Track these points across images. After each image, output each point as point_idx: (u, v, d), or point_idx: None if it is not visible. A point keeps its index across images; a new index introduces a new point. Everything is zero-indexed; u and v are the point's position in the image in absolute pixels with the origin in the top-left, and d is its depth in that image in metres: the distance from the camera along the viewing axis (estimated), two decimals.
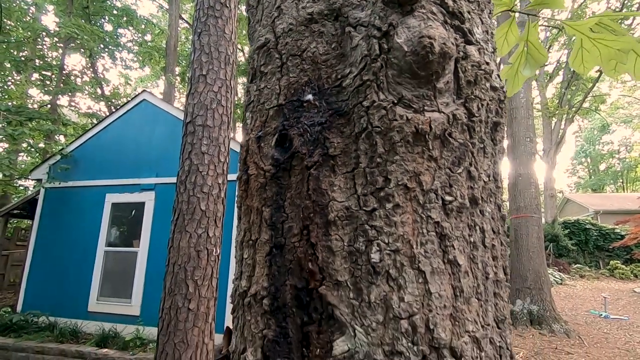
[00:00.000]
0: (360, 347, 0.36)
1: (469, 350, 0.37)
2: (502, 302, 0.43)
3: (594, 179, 36.75)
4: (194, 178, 3.08)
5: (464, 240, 0.40)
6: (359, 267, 0.38)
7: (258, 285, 0.42)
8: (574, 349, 6.17)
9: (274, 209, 0.42)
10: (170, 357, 2.75)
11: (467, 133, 0.41)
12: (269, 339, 0.39)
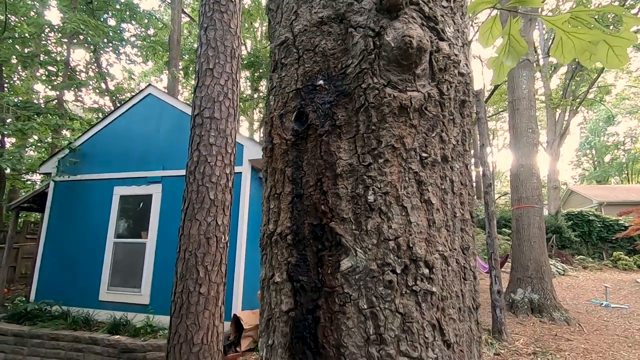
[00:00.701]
0: (360, 263, 0.48)
1: (438, 263, 0.50)
2: (467, 236, 0.55)
3: (599, 171, 36.58)
4: (202, 168, 3.20)
5: (436, 187, 0.52)
6: (359, 206, 0.50)
7: (283, 226, 0.54)
8: (573, 335, 6.29)
9: (294, 168, 0.55)
10: (183, 338, 2.90)
11: (439, 107, 0.54)
12: (292, 264, 0.52)
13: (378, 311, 0.48)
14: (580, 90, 20.14)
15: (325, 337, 0.48)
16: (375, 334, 0.47)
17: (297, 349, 0.50)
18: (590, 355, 5.41)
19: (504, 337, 5.95)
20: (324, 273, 0.50)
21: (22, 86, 13.36)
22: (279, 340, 0.53)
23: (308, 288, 0.51)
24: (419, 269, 0.49)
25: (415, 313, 0.48)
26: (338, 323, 0.48)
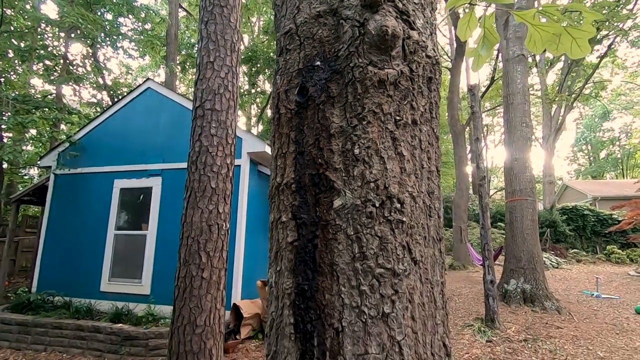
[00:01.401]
0: (348, 201, 0.62)
1: (408, 201, 0.63)
2: (433, 184, 0.69)
3: (594, 166, 36.91)
4: (204, 158, 3.32)
5: (407, 143, 0.66)
6: (347, 158, 0.64)
7: (288, 177, 0.68)
8: (563, 323, 6.48)
9: (297, 132, 0.68)
10: (186, 320, 3.03)
11: (409, 82, 0.67)
12: (295, 206, 0.65)
13: (362, 236, 0.61)
14: (576, 86, 20.32)
15: (322, 259, 0.62)
16: (360, 252, 0.61)
17: (300, 270, 0.63)
18: (579, 341, 5.59)
19: (496, 325, 6.13)
20: (320, 211, 0.64)
21: (19, 80, 13.35)
22: (286, 265, 0.66)
23: (308, 223, 0.64)
24: (392, 203, 0.63)
25: (390, 237, 0.61)
26: (331, 247, 0.62)
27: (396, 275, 0.61)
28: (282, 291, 0.66)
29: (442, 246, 0.71)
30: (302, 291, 0.62)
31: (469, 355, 5.06)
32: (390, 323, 0.59)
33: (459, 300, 8.36)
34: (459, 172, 14.95)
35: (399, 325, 0.60)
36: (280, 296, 0.66)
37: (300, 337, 0.61)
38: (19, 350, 5.38)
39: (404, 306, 0.60)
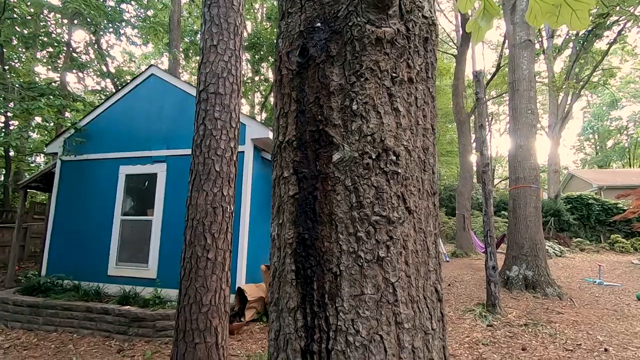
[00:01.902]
0: (346, 154, 0.65)
1: (403, 154, 0.66)
2: (428, 140, 0.72)
3: (600, 156, 36.55)
4: (208, 142, 3.35)
5: (403, 100, 0.68)
6: (346, 114, 0.67)
7: (290, 135, 0.71)
8: (564, 309, 6.53)
9: (299, 91, 0.71)
10: (192, 300, 3.11)
11: (406, 40, 0.69)
12: (297, 162, 0.69)
13: (359, 186, 0.65)
14: (584, 73, 20.00)
15: (322, 210, 0.65)
16: (357, 202, 0.64)
17: (301, 220, 0.66)
18: (580, 326, 5.65)
19: (497, 310, 6.20)
20: (320, 165, 0.67)
21: (23, 68, 13.39)
22: (287, 217, 0.70)
23: (309, 177, 0.68)
24: (388, 156, 0.66)
25: (386, 187, 0.65)
26: (330, 198, 0.65)
27: (391, 222, 0.65)
28: (284, 242, 0.70)
29: (436, 200, 0.74)
30: (303, 240, 0.66)
31: (470, 339, 5.14)
32: (385, 266, 0.63)
33: (460, 286, 8.44)
34: (463, 161, 14.90)
35: (393, 269, 0.63)
36: (283, 246, 0.70)
37: (301, 282, 0.65)
38: (30, 330, 5.54)
39: (398, 251, 0.64)
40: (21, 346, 4.94)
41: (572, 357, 4.46)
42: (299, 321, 0.65)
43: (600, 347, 4.77)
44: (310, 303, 0.64)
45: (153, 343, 4.97)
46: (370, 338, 0.60)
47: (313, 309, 0.63)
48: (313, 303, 0.63)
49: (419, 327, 0.64)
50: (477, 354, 4.58)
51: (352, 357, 0.60)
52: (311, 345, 0.63)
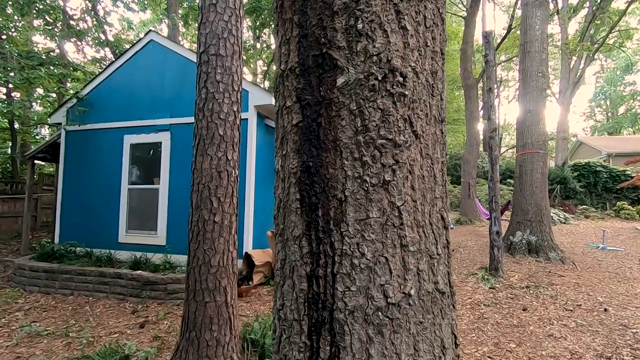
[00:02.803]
0: (351, 77, 0.63)
1: (410, 75, 0.64)
2: (436, 64, 0.70)
3: (611, 122, 35.73)
4: (210, 105, 3.30)
5: (411, 18, 0.65)
6: (351, 35, 0.64)
7: (292, 62, 0.68)
8: (566, 272, 6.63)
9: (300, 15, 0.67)
10: (201, 261, 3.18)
11: None
12: (299, 89, 0.66)
13: (364, 109, 0.62)
14: (600, 35, 19.14)
15: (326, 136, 0.64)
16: (362, 125, 0.62)
17: (305, 149, 0.65)
18: (581, 288, 5.76)
19: (500, 273, 6.31)
20: (324, 90, 0.65)
21: (21, 38, 13.12)
22: (291, 147, 0.68)
23: (312, 103, 0.65)
24: (395, 77, 0.63)
25: (392, 109, 0.63)
26: (335, 124, 0.64)
27: (397, 146, 0.63)
28: (288, 172, 0.69)
29: (443, 128, 0.72)
30: (307, 168, 0.65)
31: (472, 300, 5.27)
32: (391, 190, 0.62)
33: (464, 251, 8.56)
34: (470, 128, 14.67)
35: (399, 193, 0.62)
36: (287, 177, 0.69)
37: (306, 210, 0.65)
38: (48, 294, 5.78)
39: (404, 175, 0.63)
40: (40, 308, 5.17)
41: (571, 316, 4.57)
42: (304, 248, 0.65)
43: (600, 307, 4.87)
44: (316, 230, 0.64)
45: (165, 305, 5.17)
46: (376, 260, 0.61)
47: (318, 235, 0.63)
48: (318, 229, 0.63)
49: (424, 251, 0.64)
50: (479, 314, 4.71)
51: (357, 279, 0.61)
52: (316, 270, 0.63)
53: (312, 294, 0.63)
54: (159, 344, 3.77)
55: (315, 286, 0.62)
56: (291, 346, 0.66)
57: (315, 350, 0.62)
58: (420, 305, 0.62)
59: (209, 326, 3.10)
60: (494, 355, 3.58)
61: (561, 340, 3.87)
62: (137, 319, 4.63)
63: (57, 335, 4.11)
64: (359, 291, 0.60)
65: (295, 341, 0.65)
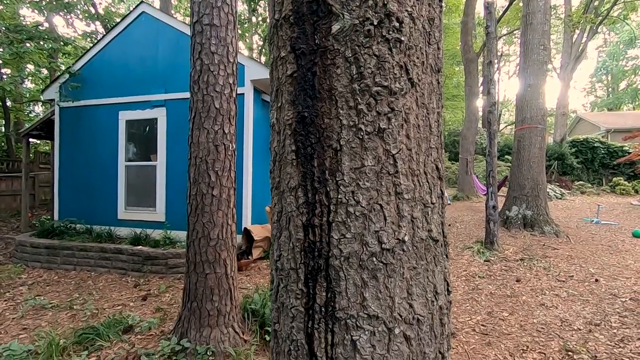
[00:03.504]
0: (346, 23, 0.62)
1: (407, 21, 0.63)
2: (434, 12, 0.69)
3: (611, 98, 35.42)
4: (206, 77, 3.24)
5: None
6: None
7: (286, 10, 0.67)
8: (560, 245, 6.76)
9: None
10: (201, 234, 3.22)
11: None
12: (294, 38, 0.66)
13: (359, 56, 0.62)
14: (604, 7, 18.67)
15: (321, 85, 0.63)
16: (357, 73, 0.62)
17: (300, 99, 0.65)
18: (574, 260, 5.88)
19: (495, 247, 6.42)
20: (319, 38, 0.64)
21: (7, 11, 12.68)
22: (286, 98, 0.68)
23: (307, 52, 0.64)
24: (391, 22, 0.62)
25: (388, 56, 0.62)
26: (330, 72, 0.63)
27: (393, 93, 0.63)
28: (283, 124, 0.69)
29: (440, 78, 0.71)
30: (302, 118, 0.64)
31: (467, 272, 5.39)
32: (386, 138, 0.62)
33: (460, 226, 8.68)
34: (469, 104, 14.53)
35: (394, 141, 0.63)
36: (282, 129, 0.69)
37: (301, 161, 0.65)
38: (50, 269, 5.86)
39: (399, 124, 0.63)
40: (44, 282, 5.26)
41: (563, 287, 4.70)
42: (300, 198, 0.66)
43: (591, 278, 5.00)
44: (311, 180, 0.64)
45: (167, 279, 5.27)
46: (370, 208, 0.62)
47: (314, 185, 0.64)
48: (314, 180, 0.64)
49: (419, 200, 0.65)
50: (474, 285, 4.83)
51: (352, 226, 0.62)
52: (312, 219, 0.64)
53: (308, 242, 0.64)
54: (162, 315, 3.86)
55: (311, 235, 0.64)
56: (288, 294, 0.67)
57: (312, 296, 0.63)
58: (413, 252, 0.64)
59: (209, 297, 3.17)
60: (487, 323, 3.70)
61: (552, 309, 3.99)
62: (140, 292, 4.73)
63: (62, 308, 4.21)
64: (354, 238, 0.62)
65: (292, 289, 0.67)
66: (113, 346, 3.18)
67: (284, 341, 0.69)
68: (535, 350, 3.12)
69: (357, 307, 0.61)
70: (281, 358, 0.70)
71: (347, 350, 0.61)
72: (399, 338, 0.62)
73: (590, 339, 3.29)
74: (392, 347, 0.62)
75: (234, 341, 3.14)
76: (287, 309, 0.68)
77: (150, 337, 3.38)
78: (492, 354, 3.09)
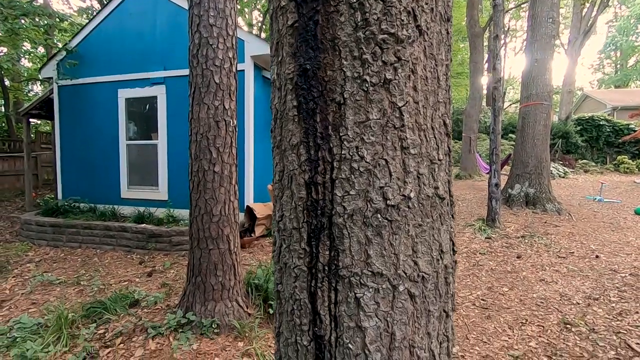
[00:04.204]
0: None
1: None
2: None
3: (619, 75, 34.66)
4: (205, 51, 3.17)
5: None
6: None
7: None
8: (562, 223, 6.78)
9: None
10: (203, 210, 3.23)
11: None
12: None
13: (364, 1, 0.58)
14: None
15: (323, 35, 0.60)
16: (362, 19, 0.59)
17: (302, 51, 0.62)
18: (575, 237, 5.91)
19: (496, 224, 6.44)
20: None
21: None
22: (287, 51, 0.65)
23: (309, 0, 0.61)
24: None
25: (395, 0, 0.59)
26: (333, 20, 0.60)
27: (399, 41, 0.60)
28: (284, 79, 0.66)
29: (450, 27, 0.67)
30: (304, 71, 0.62)
31: (468, 249, 5.43)
32: (392, 90, 0.60)
33: (462, 204, 8.69)
34: (474, 81, 14.26)
35: (401, 93, 0.60)
36: (283, 84, 0.66)
37: (303, 117, 0.63)
38: (56, 247, 5.95)
39: (406, 74, 0.60)
40: (50, 260, 5.35)
41: (563, 263, 4.74)
42: (302, 156, 0.64)
43: (592, 254, 5.03)
44: (314, 136, 0.62)
45: (171, 256, 5.34)
46: (375, 163, 0.60)
47: (316, 141, 0.62)
48: (316, 136, 0.62)
49: (425, 155, 0.63)
50: (474, 262, 4.88)
51: (356, 182, 0.60)
52: (315, 177, 0.62)
53: (311, 201, 0.62)
54: (167, 290, 3.94)
55: (314, 193, 0.62)
56: (291, 254, 0.67)
57: (315, 255, 0.63)
58: (419, 209, 0.62)
59: (213, 272, 3.22)
60: (487, 298, 3.75)
61: (552, 284, 4.04)
62: (145, 269, 4.80)
63: (69, 284, 4.29)
64: (358, 195, 0.60)
65: (295, 248, 0.66)
66: (120, 319, 3.25)
67: (287, 301, 0.69)
68: (534, 323, 3.17)
69: (361, 264, 0.60)
70: (284, 318, 0.70)
71: (350, 307, 0.61)
72: (403, 295, 0.61)
73: (589, 313, 3.34)
74: (397, 304, 0.61)
75: (238, 314, 3.21)
76: (289, 269, 0.67)
77: (157, 310, 3.46)
78: (491, 326, 3.14)
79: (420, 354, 0.63)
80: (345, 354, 0.61)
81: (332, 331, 0.62)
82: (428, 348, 0.64)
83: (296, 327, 0.66)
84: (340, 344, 0.61)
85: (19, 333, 2.92)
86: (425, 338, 0.63)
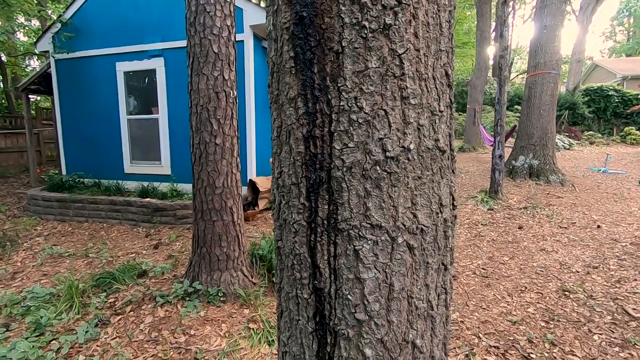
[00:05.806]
0: None
1: None
2: None
3: (631, 43, 33.53)
4: (202, 19, 3.07)
5: None
6: None
7: None
8: (565, 194, 6.77)
9: None
10: (206, 183, 3.25)
11: None
12: None
13: None
14: None
15: None
16: None
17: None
18: (577, 207, 5.92)
19: (499, 196, 6.45)
20: None
21: None
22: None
23: None
24: None
25: None
26: None
27: None
28: (280, 29, 0.63)
29: None
30: (301, 19, 0.59)
31: (470, 221, 5.47)
32: (392, 36, 0.58)
33: (465, 177, 8.68)
34: (480, 50, 13.86)
35: (401, 39, 0.58)
36: (279, 35, 0.64)
37: (300, 68, 0.61)
38: (64, 221, 6.05)
39: (406, 19, 0.58)
40: (59, 233, 5.45)
41: (565, 233, 4.77)
42: (300, 109, 0.62)
43: (593, 224, 5.06)
44: (312, 88, 0.60)
45: (176, 229, 5.42)
46: (374, 114, 0.59)
47: (314, 93, 0.60)
48: (314, 87, 0.60)
49: (426, 106, 0.62)
50: (476, 232, 4.92)
51: (355, 134, 0.59)
52: (313, 131, 0.61)
53: (310, 155, 0.62)
54: (173, 262, 4.03)
55: (312, 147, 0.61)
56: (290, 209, 0.67)
57: (314, 209, 0.63)
58: (419, 161, 0.62)
59: (218, 243, 3.27)
60: (487, 267, 3.81)
61: (552, 254, 4.08)
62: (151, 241, 4.90)
63: (78, 256, 4.39)
64: (356, 147, 0.59)
65: (294, 204, 0.66)
66: (129, 289, 3.35)
67: (287, 257, 0.70)
68: (533, 290, 3.24)
69: (360, 217, 0.60)
70: (285, 273, 0.71)
71: (349, 260, 0.62)
72: (402, 247, 0.62)
73: (588, 280, 3.39)
74: (395, 256, 0.62)
75: (244, 284, 3.29)
76: (289, 224, 0.68)
77: (164, 280, 3.55)
78: (490, 294, 3.21)
79: (418, 304, 0.64)
80: (344, 305, 0.62)
81: (332, 283, 0.63)
82: (426, 299, 0.65)
83: (296, 281, 0.67)
84: (340, 296, 0.63)
85: (32, 302, 3.03)
86: (424, 289, 0.64)
